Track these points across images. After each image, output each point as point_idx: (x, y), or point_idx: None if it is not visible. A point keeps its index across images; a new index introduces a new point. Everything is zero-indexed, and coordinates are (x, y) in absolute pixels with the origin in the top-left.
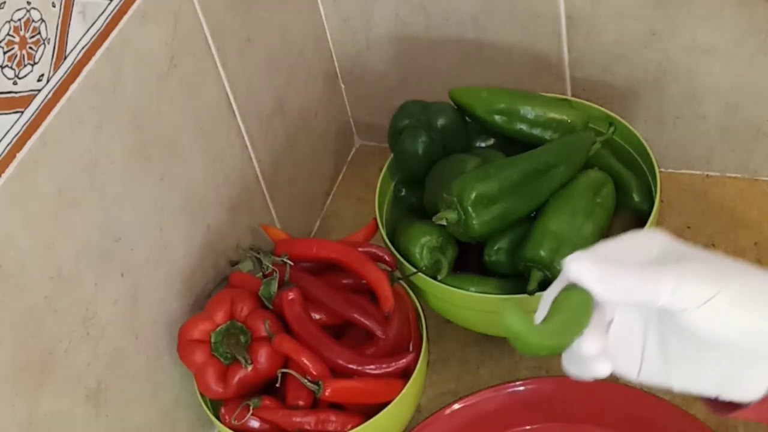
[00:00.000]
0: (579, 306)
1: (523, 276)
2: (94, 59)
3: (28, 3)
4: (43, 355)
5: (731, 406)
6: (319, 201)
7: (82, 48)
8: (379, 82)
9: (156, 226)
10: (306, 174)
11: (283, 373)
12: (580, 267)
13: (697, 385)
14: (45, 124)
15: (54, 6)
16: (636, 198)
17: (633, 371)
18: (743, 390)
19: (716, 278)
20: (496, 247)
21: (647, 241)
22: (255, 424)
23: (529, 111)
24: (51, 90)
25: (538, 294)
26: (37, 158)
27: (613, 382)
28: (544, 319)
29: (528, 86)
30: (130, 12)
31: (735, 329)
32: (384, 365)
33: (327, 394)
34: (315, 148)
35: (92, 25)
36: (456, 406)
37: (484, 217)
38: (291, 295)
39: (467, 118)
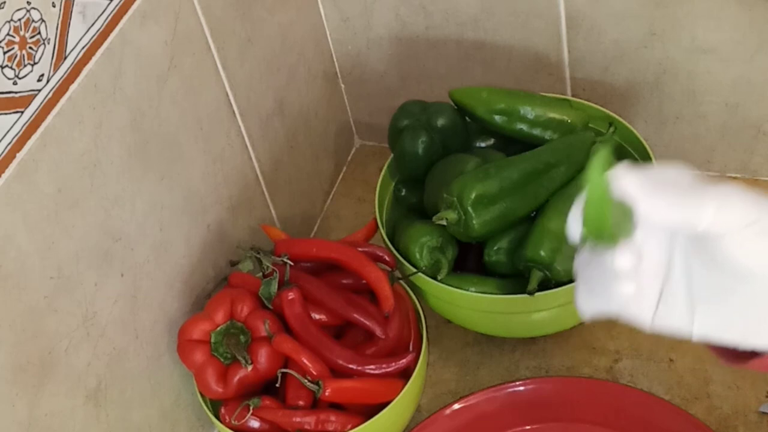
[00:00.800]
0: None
1: (524, 276)
2: (94, 59)
3: (28, 3)
4: (43, 355)
5: (745, 357)
6: (319, 201)
7: (82, 48)
8: (379, 82)
9: (156, 226)
10: (306, 174)
11: (283, 373)
12: (627, 181)
13: (721, 329)
14: (45, 124)
15: (54, 6)
16: None
17: (648, 313)
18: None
19: (758, 205)
20: (496, 247)
21: (678, 175)
22: (255, 424)
23: (529, 111)
24: (51, 90)
25: (538, 294)
26: (37, 158)
27: (613, 382)
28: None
29: (528, 86)
30: (130, 12)
31: None
32: (384, 365)
33: (327, 394)
34: (315, 148)
35: (92, 25)
36: (456, 406)
37: (484, 217)
38: (291, 295)
39: (467, 118)
